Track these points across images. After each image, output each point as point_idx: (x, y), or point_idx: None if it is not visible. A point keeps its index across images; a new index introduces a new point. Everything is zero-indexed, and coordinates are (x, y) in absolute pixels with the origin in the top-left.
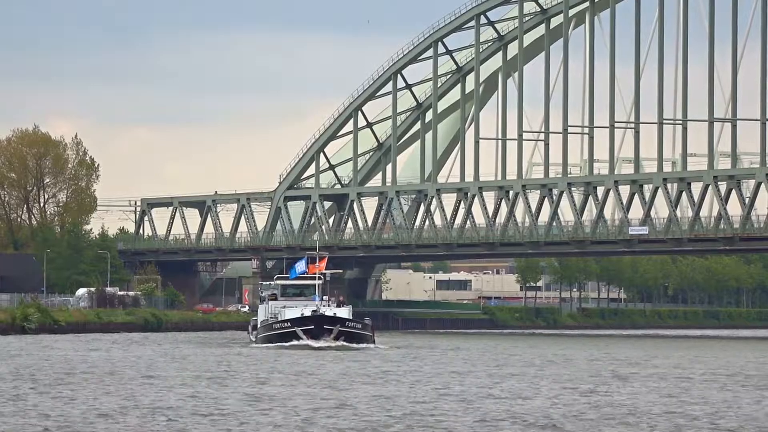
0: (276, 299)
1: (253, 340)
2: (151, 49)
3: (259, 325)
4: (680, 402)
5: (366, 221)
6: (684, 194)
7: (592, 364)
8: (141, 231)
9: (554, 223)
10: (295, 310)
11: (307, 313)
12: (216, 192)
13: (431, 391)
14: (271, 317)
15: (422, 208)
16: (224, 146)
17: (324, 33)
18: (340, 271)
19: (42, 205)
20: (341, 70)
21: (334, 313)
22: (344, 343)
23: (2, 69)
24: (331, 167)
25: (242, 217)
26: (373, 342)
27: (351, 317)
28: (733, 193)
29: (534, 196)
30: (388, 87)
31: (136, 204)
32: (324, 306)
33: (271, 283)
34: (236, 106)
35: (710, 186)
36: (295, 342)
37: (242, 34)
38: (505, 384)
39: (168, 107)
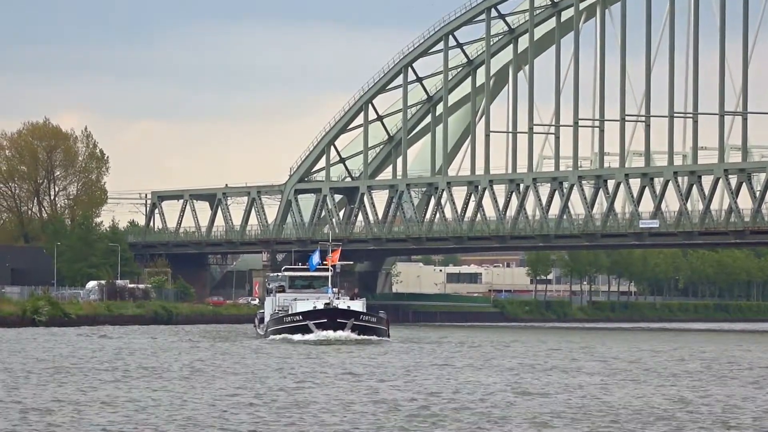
0: (284, 291)
1: (261, 333)
2: (159, 44)
3: (267, 318)
4: None
5: (376, 214)
6: (695, 187)
7: None
8: (151, 224)
9: (565, 217)
10: (307, 302)
11: (320, 305)
12: (226, 185)
13: None
14: (278, 310)
15: (433, 201)
16: (233, 140)
17: (333, 26)
18: (351, 263)
19: (52, 197)
20: (351, 64)
21: (348, 306)
22: (358, 337)
23: (10, 63)
24: (342, 160)
25: (252, 210)
26: (388, 336)
27: (365, 310)
28: (744, 186)
29: (544, 190)
30: (399, 80)
31: (146, 197)
32: (336, 298)
33: (279, 274)
34: (245, 99)
35: (721, 179)
36: (309, 335)
37: (250, 27)
38: None
39: (176, 101)
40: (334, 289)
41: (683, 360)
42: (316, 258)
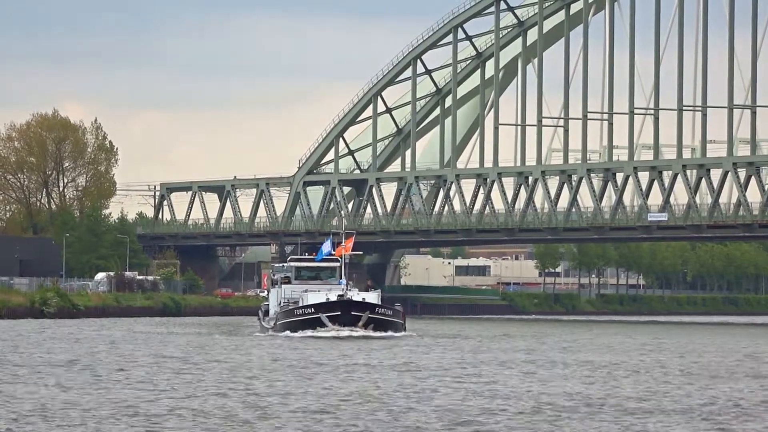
0: (289, 282)
1: (268, 327)
2: (166, 33)
3: (272, 311)
4: None
5: (385, 206)
6: (703, 181)
7: None
8: (160, 215)
9: (573, 209)
10: (319, 294)
11: (333, 297)
12: (235, 177)
13: None
14: (284, 302)
15: (441, 194)
16: (242, 131)
17: (341, 17)
18: (360, 253)
19: (61, 189)
20: (360, 55)
21: (363, 298)
22: (373, 332)
23: (14, 53)
24: (351, 152)
25: (261, 202)
26: (404, 330)
27: (380, 303)
28: (753, 179)
29: (553, 182)
30: (408, 72)
31: (155, 188)
32: (349, 290)
33: (284, 265)
34: (253, 90)
35: (729, 172)
36: (320, 330)
37: (257, 17)
38: None
39: (182, 92)
40: (342, 280)
41: None
42: (327, 247)
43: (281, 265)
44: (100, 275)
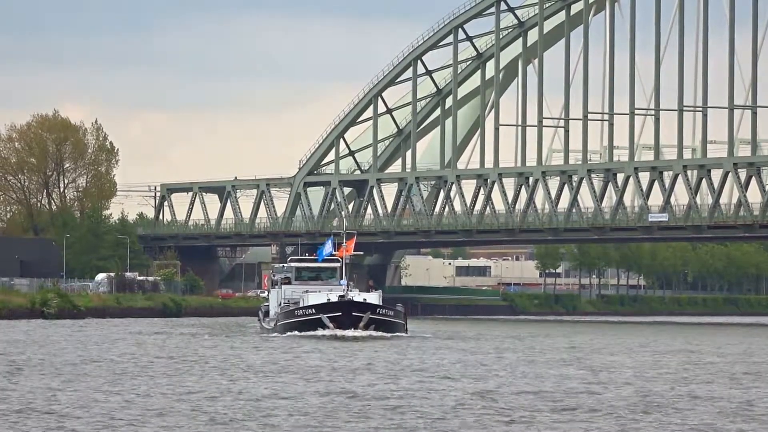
0: (289, 283)
1: (268, 327)
2: (166, 33)
3: (273, 311)
4: None
5: (386, 207)
6: (704, 181)
7: None
8: (161, 216)
9: (574, 210)
10: (320, 295)
11: (334, 298)
12: (236, 177)
13: None
14: (284, 302)
15: (442, 195)
16: (243, 132)
17: (342, 17)
18: (361, 253)
19: (62, 189)
20: (360, 56)
21: (364, 299)
22: (374, 333)
23: (14, 53)
24: (351, 153)
25: (262, 203)
26: (406, 331)
27: (381, 303)
28: (753, 180)
29: (554, 183)
30: (408, 73)
31: (155, 189)
32: (350, 291)
33: (284, 265)
34: (253, 90)
35: (730, 173)
36: (320, 331)
37: (257, 18)
38: None
39: (183, 92)
40: (343, 281)
41: None
42: (327, 248)
43: (282, 265)
44: (101, 276)
